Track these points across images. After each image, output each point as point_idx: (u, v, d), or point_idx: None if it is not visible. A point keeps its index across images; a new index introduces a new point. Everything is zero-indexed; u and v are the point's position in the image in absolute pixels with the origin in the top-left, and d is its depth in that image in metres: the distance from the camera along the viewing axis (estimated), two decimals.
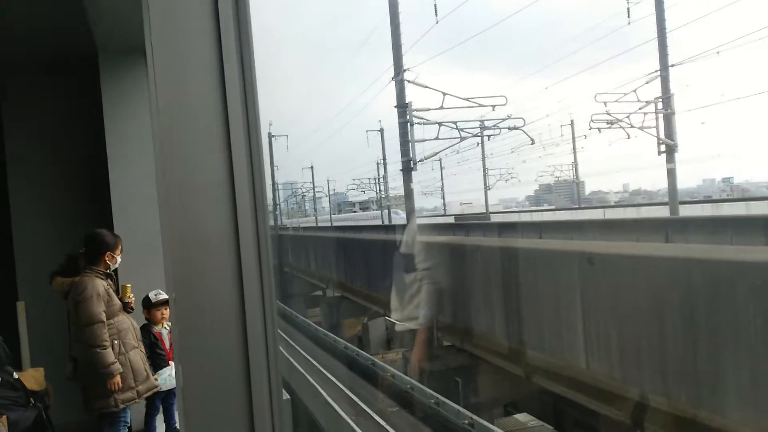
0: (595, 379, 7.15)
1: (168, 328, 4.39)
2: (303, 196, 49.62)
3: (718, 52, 17.74)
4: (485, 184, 36.91)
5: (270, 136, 36.55)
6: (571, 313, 7.53)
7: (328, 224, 40.85)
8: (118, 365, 3.70)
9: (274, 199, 39.37)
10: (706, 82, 31.64)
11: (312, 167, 45.30)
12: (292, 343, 15.59)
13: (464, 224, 18.74)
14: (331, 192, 53.42)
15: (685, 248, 7.67)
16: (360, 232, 24.98)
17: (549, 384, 8.35)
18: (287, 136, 37.21)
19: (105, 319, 3.70)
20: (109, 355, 3.67)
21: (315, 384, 11.25)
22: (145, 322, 4.41)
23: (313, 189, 46.30)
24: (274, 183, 38.72)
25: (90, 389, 3.77)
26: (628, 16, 16.94)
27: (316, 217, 50.29)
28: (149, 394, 4.03)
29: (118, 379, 3.69)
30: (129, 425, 3.97)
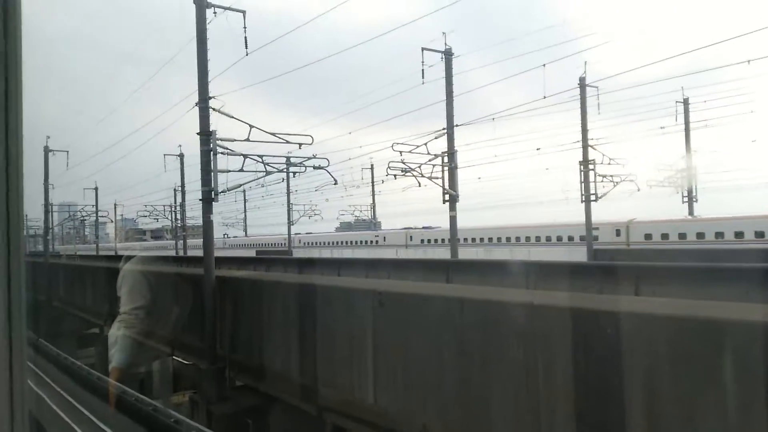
0: (381, 415, 7.47)
1: None
2: (83, 220, 44.20)
3: (493, 119, 20.77)
4: (289, 218, 37.19)
5: (47, 150, 32.30)
6: (361, 348, 7.82)
7: (112, 253, 36.85)
8: None
9: (45, 221, 34.43)
10: (484, 143, 36.52)
11: (96, 188, 40.72)
12: (60, 391, 13.49)
13: (265, 259, 18.47)
14: (119, 217, 48.58)
15: (461, 288, 8.55)
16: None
17: (339, 420, 8.49)
18: (68, 152, 33.21)
19: None
20: None
21: None
22: None
23: (96, 213, 41.51)
24: (47, 203, 33.96)
25: None
26: (423, 77, 18.94)
27: (97, 245, 45.12)
28: None
29: None
30: None
